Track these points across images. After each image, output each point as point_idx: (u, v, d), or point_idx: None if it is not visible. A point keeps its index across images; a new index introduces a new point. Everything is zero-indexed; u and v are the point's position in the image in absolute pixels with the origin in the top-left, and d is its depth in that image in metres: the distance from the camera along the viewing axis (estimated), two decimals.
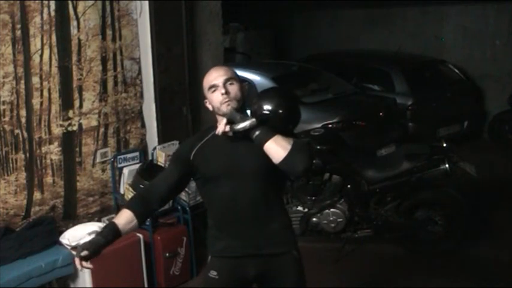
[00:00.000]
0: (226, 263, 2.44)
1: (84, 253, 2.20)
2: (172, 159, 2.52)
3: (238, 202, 2.32)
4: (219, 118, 2.35)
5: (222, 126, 2.26)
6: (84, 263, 2.21)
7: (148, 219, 3.94)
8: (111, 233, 2.29)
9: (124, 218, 2.32)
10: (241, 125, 2.19)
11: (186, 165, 2.38)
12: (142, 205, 2.38)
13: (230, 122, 2.25)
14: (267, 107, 2.22)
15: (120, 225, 2.30)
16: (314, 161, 4.47)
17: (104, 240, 2.27)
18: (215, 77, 2.33)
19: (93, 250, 2.23)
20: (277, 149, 2.15)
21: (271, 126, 2.20)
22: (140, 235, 3.93)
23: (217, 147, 2.35)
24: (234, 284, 2.46)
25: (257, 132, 2.18)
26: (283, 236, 2.45)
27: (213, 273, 2.46)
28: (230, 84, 2.32)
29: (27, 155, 3.75)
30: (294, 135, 2.35)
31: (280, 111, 2.23)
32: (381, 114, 6.33)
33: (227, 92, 2.29)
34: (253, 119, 2.19)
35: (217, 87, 2.31)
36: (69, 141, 3.98)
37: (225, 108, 2.28)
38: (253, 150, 2.24)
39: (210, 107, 2.39)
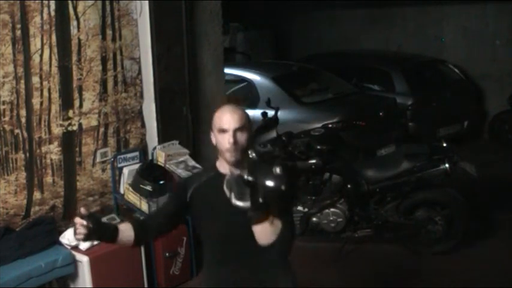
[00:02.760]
0: None
1: (83, 210, 2.17)
2: (171, 196, 2.56)
3: (233, 241, 2.29)
4: (221, 159, 2.33)
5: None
6: (79, 220, 2.14)
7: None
8: (111, 225, 2.34)
9: (124, 225, 2.35)
10: (236, 203, 2.09)
11: (183, 203, 2.38)
12: (141, 226, 2.37)
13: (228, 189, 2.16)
14: (266, 192, 2.07)
15: (120, 226, 2.30)
16: (314, 161, 4.52)
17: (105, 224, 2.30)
18: (228, 121, 2.26)
19: (94, 221, 2.18)
20: (261, 235, 2.11)
21: (266, 212, 2.12)
22: None
23: (215, 187, 2.25)
24: None
25: (249, 213, 2.10)
26: (279, 276, 2.38)
27: None
28: (240, 133, 2.26)
29: (27, 154, 3.75)
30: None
31: (280, 193, 2.10)
32: (381, 114, 6.33)
33: (235, 142, 2.24)
34: (248, 203, 2.07)
35: (226, 132, 2.25)
36: (69, 141, 3.98)
37: (228, 158, 2.26)
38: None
39: (214, 142, 2.35)
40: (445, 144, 4.50)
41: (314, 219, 4.58)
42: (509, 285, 4.16)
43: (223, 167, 2.33)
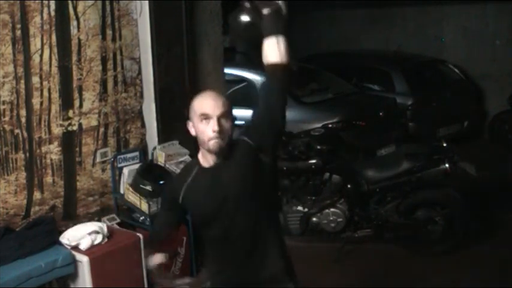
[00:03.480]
0: None
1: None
2: (164, 204, 2.49)
3: (230, 234, 2.22)
4: (203, 150, 2.22)
5: None
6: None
7: (149, 219, 3.95)
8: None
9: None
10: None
11: (178, 206, 2.34)
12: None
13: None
14: None
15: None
16: (314, 161, 4.53)
17: None
18: (211, 106, 2.11)
19: None
20: (279, 49, 2.12)
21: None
22: (140, 235, 3.93)
23: (201, 186, 2.23)
24: None
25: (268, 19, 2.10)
26: (279, 267, 2.32)
27: None
28: (225, 119, 2.13)
29: (27, 155, 3.75)
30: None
31: None
32: (381, 114, 6.33)
33: (221, 130, 2.09)
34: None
35: (209, 119, 2.11)
36: (69, 141, 3.97)
37: (212, 146, 2.11)
38: (236, 180, 2.17)
39: (193, 133, 2.21)
40: (445, 144, 4.51)
41: (314, 219, 4.59)
42: (509, 285, 4.16)
43: (206, 160, 2.23)
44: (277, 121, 2.20)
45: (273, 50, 2.11)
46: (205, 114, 2.11)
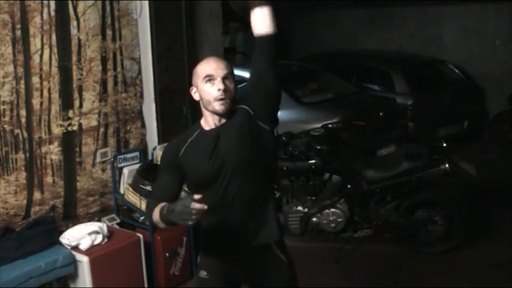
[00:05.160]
0: (215, 262, 2.41)
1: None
2: (164, 167, 2.42)
3: (226, 198, 2.27)
4: (206, 113, 2.26)
5: None
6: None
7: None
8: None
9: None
10: None
11: (178, 169, 2.33)
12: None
13: None
14: None
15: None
16: (314, 161, 4.52)
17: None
18: (215, 68, 2.20)
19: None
20: (260, 21, 2.18)
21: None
22: (140, 235, 3.93)
23: (201, 148, 2.27)
24: (224, 283, 2.43)
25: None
26: (271, 228, 2.35)
27: (203, 274, 2.43)
28: (229, 81, 2.21)
29: (27, 155, 3.75)
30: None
31: None
32: (380, 114, 6.33)
33: (225, 89, 2.18)
34: None
35: (214, 80, 2.18)
36: (69, 141, 3.98)
37: (218, 107, 2.19)
38: (236, 144, 2.21)
39: (196, 97, 2.27)
40: (445, 144, 4.51)
41: (314, 219, 4.58)
42: (509, 285, 4.16)
43: (207, 123, 2.28)
44: (270, 89, 2.27)
45: (260, 21, 2.17)
46: (210, 75, 2.18)
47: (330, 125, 5.76)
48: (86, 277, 3.61)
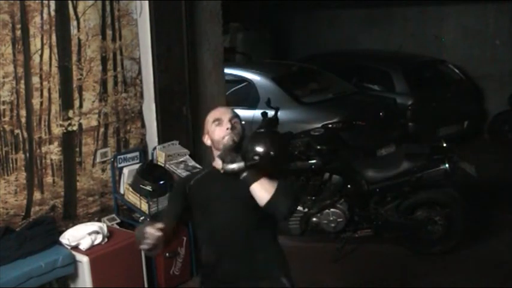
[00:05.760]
0: None
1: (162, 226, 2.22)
2: (172, 196, 2.65)
3: (230, 229, 2.36)
4: (216, 154, 2.40)
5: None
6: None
7: (148, 219, 3.94)
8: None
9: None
10: (229, 166, 2.25)
11: (184, 197, 2.46)
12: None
13: (221, 160, 2.30)
14: (258, 150, 2.22)
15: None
16: (314, 161, 4.52)
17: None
18: (222, 112, 2.43)
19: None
20: (261, 192, 2.21)
21: (259, 169, 2.23)
22: None
23: (211, 180, 2.42)
24: None
25: (244, 175, 2.24)
26: (274, 263, 2.43)
27: None
28: (235, 122, 2.40)
29: (27, 155, 3.75)
30: (285, 172, 2.40)
31: (271, 154, 2.23)
32: (380, 114, 6.33)
33: (232, 128, 2.36)
34: (242, 164, 2.23)
35: (222, 122, 2.38)
36: (69, 141, 3.98)
37: (226, 140, 2.34)
38: (244, 185, 2.27)
39: (208, 142, 2.45)
40: (445, 144, 4.50)
41: (314, 219, 4.58)
42: (509, 285, 4.16)
43: (219, 164, 2.38)
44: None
45: (258, 195, 2.23)
46: (218, 118, 2.40)
47: (330, 125, 5.76)
48: (86, 277, 3.61)
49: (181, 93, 4.60)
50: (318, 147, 4.56)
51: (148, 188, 3.97)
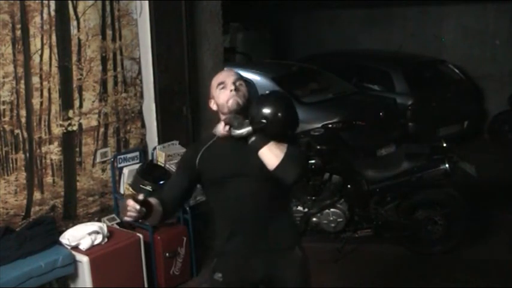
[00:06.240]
0: (230, 264, 2.45)
1: (141, 197, 2.14)
2: (179, 166, 2.55)
3: (243, 202, 2.33)
4: (222, 118, 2.36)
5: (221, 128, 2.29)
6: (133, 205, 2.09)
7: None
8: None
9: (153, 199, 2.29)
10: (237, 132, 2.20)
11: (193, 170, 2.40)
12: (163, 201, 2.34)
13: (229, 125, 2.25)
14: (265, 113, 2.20)
15: (152, 201, 2.26)
16: (314, 161, 4.52)
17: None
18: (226, 75, 2.38)
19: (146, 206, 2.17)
20: (270, 156, 2.18)
21: (268, 133, 2.20)
22: (140, 235, 3.93)
23: (220, 150, 2.36)
24: (239, 286, 2.46)
25: (252, 139, 2.20)
26: (287, 234, 2.45)
27: (217, 275, 2.47)
28: (239, 84, 2.35)
29: (27, 155, 3.75)
30: (294, 139, 2.34)
31: (279, 115, 2.21)
32: (380, 114, 6.33)
33: (236, 89, 2.32)
34: (250, 128, 2.19)
35: (226, 85, 2.34)
36: (69, 141, 3.98)
37: (230, 103, 2.30)
38: (254, 153, 2.25)
39: (214, 107, 2.41)
40: (445, 144, 4.50)
41: (314, 219, 4.58)
42: (509, 285, 4.16)
43: (219, 129, 2.35)
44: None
45: (267, 160, 2.20)
46: (222, 82, 2.36)
47: (330, 125, 5.76)
48: (86, 277, 3.61)
49: (181, 93, 4.60)
50: (318, 147, 4.55)
51: (148, 188, 3.96)
